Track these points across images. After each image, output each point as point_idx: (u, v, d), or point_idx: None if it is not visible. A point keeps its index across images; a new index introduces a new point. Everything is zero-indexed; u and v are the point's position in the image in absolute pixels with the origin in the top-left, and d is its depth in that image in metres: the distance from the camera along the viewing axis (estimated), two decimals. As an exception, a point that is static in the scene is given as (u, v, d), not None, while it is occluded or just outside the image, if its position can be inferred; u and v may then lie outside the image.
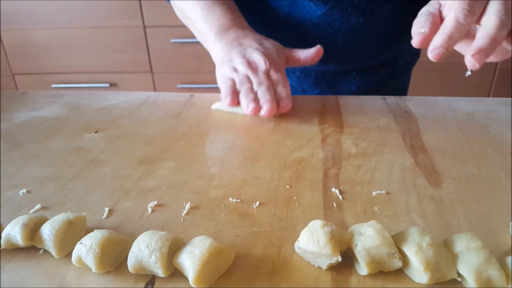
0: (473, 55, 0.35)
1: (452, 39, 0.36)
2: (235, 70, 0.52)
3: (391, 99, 0.55)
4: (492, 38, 0.35)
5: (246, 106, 0.48)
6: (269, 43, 0.55)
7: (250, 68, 0.51)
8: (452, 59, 0.53)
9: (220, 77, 0.53)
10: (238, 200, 0.35)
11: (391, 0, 0.59)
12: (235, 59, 0.52)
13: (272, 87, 0.50)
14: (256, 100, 0.48)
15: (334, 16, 0.61)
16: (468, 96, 0.56)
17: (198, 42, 0.71)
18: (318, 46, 0.55)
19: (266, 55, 0.52)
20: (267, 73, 0.51)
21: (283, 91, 0.50)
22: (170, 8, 0.68)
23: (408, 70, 0.75)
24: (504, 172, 0.38)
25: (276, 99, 0.49)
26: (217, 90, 0.87)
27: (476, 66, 0.35)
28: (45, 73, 1.75)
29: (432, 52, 0.37)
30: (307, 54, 0.56)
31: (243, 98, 0.49)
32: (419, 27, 0.39)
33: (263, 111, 0.47)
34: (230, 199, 0.36)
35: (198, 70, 1.59)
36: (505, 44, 0.38)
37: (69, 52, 1.69)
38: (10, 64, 1.74)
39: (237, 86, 0.51)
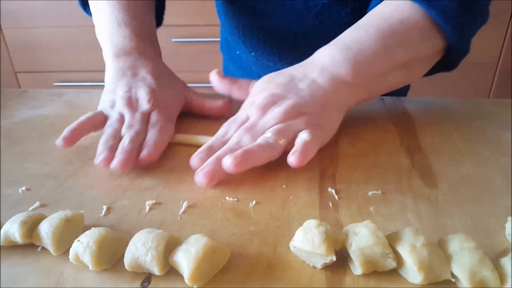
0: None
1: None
2: (113, 105, 0.47)
3: (388, 99, 0.55)
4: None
5: (98, 154, 0.41)
6: (168, 80, 0.51)
7: (129, 105, 0.46)
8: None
9: (98, 108, 0.48)
10: (235, 199, 0.36)
11: (349, 3, 0.58)
12: (118, 91, 0.48)
13: (142, 133, 0.43)
14: (113, 148, 0.41)
15: (290, 19, 0.62)
16: (468, 97, 0.56)
17: (199, 42, 0.72)
18: (226, 100, 0.51)
19: (155, 93, 0.47)
20: (145, 114, 0.45)
21: (153, 137, 0.43)
22: (171, 8, 0.68)
23: None
24: (500, 173, 0.38)
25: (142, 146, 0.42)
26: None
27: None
28: (47, 71, 1.75)
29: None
30: (212, 105, 0.50)
31: (101, 142, 0.42)
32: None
33: (113, 165, 0.39)
34: (227, 198, 0.36)
35: (198, 70, 1.59)
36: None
37: (71, 51, 1.69)
38: (12, 62, 1.75)
39: (104, 126, 0.45)
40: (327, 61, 0.44)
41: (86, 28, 1.64)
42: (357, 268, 0.27)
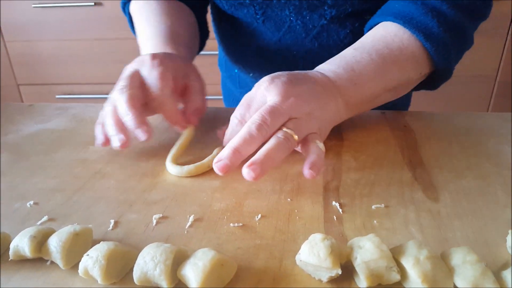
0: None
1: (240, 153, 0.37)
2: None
3: (390, 113, 0.56)
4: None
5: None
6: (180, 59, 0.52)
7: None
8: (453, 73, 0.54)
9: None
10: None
11: (348, 25, 0.60)
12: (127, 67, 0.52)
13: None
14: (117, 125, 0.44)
15: (289, 42, 0.63)
16: (467, 109, 0.57)
17: (202, 55, 0.73)
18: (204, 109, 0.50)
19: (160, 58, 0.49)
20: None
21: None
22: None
23: None
24: (501, 186, 0.39)
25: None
26: (221, 102, 0.88)
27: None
28: (49, 83, 1.77)
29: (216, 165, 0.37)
30: (195, 103, 0.50)
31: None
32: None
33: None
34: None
35: (200, 82, 1.61)
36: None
37: (73, 63, 1.71)
38: (15, 75, 1.76)
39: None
40: (331, 77, 0.46)
41: (88, 41, 1.66)
42: (362, 281, 0.28)
